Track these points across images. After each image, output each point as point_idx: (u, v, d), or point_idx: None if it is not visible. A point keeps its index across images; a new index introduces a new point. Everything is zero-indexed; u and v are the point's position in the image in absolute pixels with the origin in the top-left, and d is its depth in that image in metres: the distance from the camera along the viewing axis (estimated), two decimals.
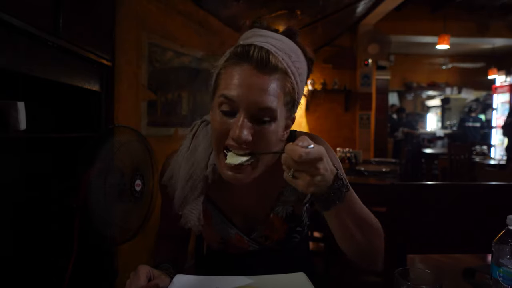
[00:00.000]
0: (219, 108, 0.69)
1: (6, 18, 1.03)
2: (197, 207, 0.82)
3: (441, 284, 0.59)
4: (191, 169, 0.81)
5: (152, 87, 2.31)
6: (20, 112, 1.23)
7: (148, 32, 2.23)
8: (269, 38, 0.71)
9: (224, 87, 0.68)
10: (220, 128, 0.69)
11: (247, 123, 0.67)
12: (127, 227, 1.48)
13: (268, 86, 0.66)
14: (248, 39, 0.72)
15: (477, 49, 7.14)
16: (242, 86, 0.66)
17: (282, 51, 0.70)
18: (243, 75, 0.67)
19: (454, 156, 4.65)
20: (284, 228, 0.88)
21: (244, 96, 0.66)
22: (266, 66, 0.66)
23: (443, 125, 9.12)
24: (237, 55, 0.69)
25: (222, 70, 0.71)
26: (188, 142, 0.85)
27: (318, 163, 0.57)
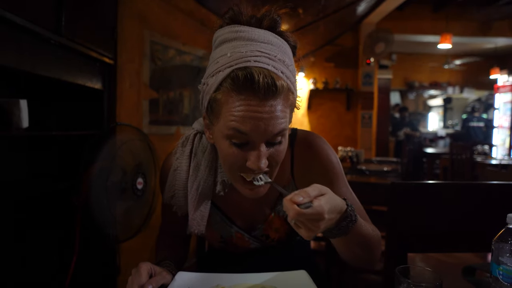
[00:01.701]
0: (228, 139, 0.66)
1: (9, 16, 1.03)
2: (204, 216, 0.82)
3: (441, 282, 0.60)
4: (198, 189, 0.80)
5: (154, 85, 2.32)
6: (23, 110, 1.23)
7: (150, 30, 2.24)
8: (258, 44, 0.65)
9: (232, 119, 0.63)
10: (235, 160, 0.67)
11: (263, 151, 0.66)
12: (129, 225, 1.49)
13: (278, 112, 0.64)
14: (236, 50, 0.64)
15: (479, 48, 7.12)
16: (254, 119, 0.62)
17: (277, 59, 0.65)
18: (252, 107, 0.62)
19: (455, 156, 4.64)
20: (285, 228, 0.88)
21: (258, 129, 0.63)
22: (273, 92, 0.62)
23: (445, 124, 9.11)
24: (238, 82, 0.62)
25: (220, 96, 0.65)
26: (187, 160, 0.82)
27: (319, 222, 0.56)
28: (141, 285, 0.66)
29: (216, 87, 0.65)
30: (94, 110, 1.64)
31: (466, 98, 8.67)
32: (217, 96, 0.65)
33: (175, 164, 0.83)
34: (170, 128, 2.53)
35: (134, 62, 2.11)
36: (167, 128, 2.50)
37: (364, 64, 5.17)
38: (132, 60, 2.09)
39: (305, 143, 0.84)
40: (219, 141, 0.69)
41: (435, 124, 9.49)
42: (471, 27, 5.64)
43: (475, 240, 1.01)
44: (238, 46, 0.65)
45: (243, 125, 0.63)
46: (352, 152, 3.22)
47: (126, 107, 2.04)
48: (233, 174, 0.71)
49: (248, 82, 0.61)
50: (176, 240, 0.94)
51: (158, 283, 0.69)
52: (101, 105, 1.65)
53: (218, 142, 0.70)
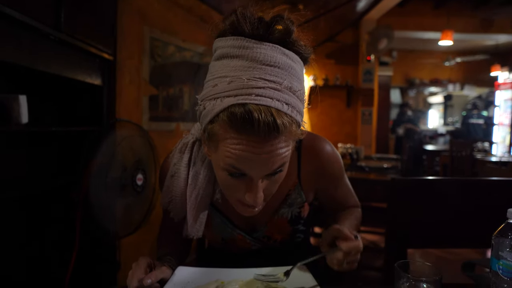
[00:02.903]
0: (226, 171, 0.63)
1: (8, 11, 1.03)
2: (203, 222, 0.82)
3: (441, 276, 0.60)
4: (197, 198, 0.79)
5: (154, 81, 2.32)
6: (22, 105, 1.23)
7: (149, 27, 2.23)
8: (263, 67, 0.58)
9: (229, 156, 0.60)
10: (232, 189, 0.67)
11: (260, 185, 0.64)
12: (129, 220, 1.49)
13: (278, 150, 0.60)
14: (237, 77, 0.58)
15: (480, 45, 7.10)
16: (252, 160, 0.59)
17: (283, 87, 0.59)
18: (250, 149, 0.58)
19: (455, 153, 4.64)
20: (288, 230, 0.87)
21: (256, 168, 0.61)
22: (274, 133, 0.57)
23: (445, 122, 9.10)
24: (235, 121, 0.56)
25: (217, 129, 0.60)
26: (185, 168, 0.79)
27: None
28: (141, 278, 0.66)
29: (212, 118, 0.60)
30: (93, 106, 1.64)
31: (466, 95, 8.65)
32: (214, 128, 0.60)
33: (173, 169, 0.80)
34: (170, 125, 2.53)
35: (133, 58, 2.11)
36: (166, 125, 2.50)
37: (364, 61, 5.16)
38: (131, 56, 2.09)
39: (313, 148, 0.84)
40: (216, 169, 0.67)
41: (435, 121, 9.48)
42: (472, 23, 5.62)
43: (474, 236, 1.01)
44: (239, 68, 0.58)
45: (240, 164, 0.60)
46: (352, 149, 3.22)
47: (125, 103, 2.04)
48: (232, 199, 0.72)
49: (246, 123, 0.56)
50: (177, 235, 0.94)
51: (158, 277, 0.69)
52: (101, 101, 1.65)
53: (216, 169, 0.68)
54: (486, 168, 3.60)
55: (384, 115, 6.52)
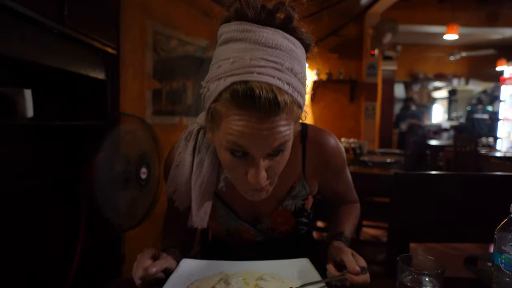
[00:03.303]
0: (228, 150, 0.64)
1: (12, 5, 1.03)
2: (207, 211, 0.81)
3: (443, 270, 0.60)
4: (202, 186, 0.78)
5: (157, 76, 2.32)
6: (27, 99, 1.24)
7: (152, 21, 2.23)
8: (265, 49, 0.60)
9: (231, 133, 0.61)
10: (236, 170, 0.67)
11: (262, 164, 0.64)
12: (133, 214, 1.50)
13: (279, 127, 0.61)
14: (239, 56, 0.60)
15: (486, 39, 7.03)
16: (253, 136, 0.60)
17: (284, 68, 0.60)
18: (251, 124, 0.59)
19: (459, 148, 4.62)
20: (292, 222, 0.88)
21: (257, 144, 0.61)
22: (275, 109, 0.58)
23: (450, 116, 9.04)
24: (237, 97, 0.58)
25: (220, 107, 0.61)
26: (190, 156, 0.79)
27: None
28: (146, 267, 0.67)
29: (216, 97, 0.61)
30: (97, 100, 1.65)
31: (471, 90, 8.59)
32: (217, 107, 0.62)
33: (177, 159, 0.81)
34: (173, 119, 2.54)
35: (137, 53, 2.11)
36: (170, 119, 2.50)
37: (368, 55, 5.12)
38: (135, 50, 2.09)
39: (317, 141, 0.85)
40: (219, 150, 0.68)
41: (439, 116, 9.43)
42: (478, 17, 5.56)
43: (477, 231, 1.02)
44: (242, 50, 0.60)
45: (242, 140, 0.61)
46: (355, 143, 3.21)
47: (129, 97, 2.04)
48: (235, 182, 0.71)
49: (248, 99, 0.57)
50: (181, 227, 0.95)
51: (162, 266, 0.70)
52: (105, 95, 1.65)
53: (219, 150, 0.68)
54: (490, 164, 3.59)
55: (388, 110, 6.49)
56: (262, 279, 0.71)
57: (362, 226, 3.23)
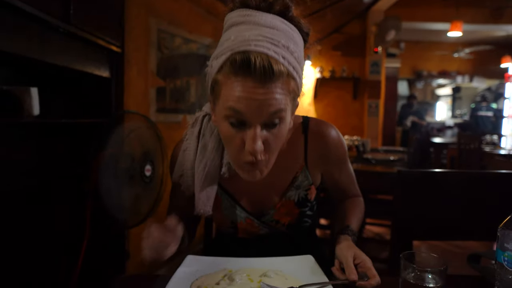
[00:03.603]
0: (227, 120, 0.67)
1: (19, 4, 1.04)
2: (210, 197, 0.83)
3: (446, 267, 0.60)
4: (205, 169, 0.81)
5: (161, 73, 2.33)
6: (33, 97, 1.25)
7: (156, 19, 2.23)
8: (263, 28, 0.66)
9: (229, 99, 0.65)
10: (233, 142, 0.69)
11: (259, 133, 0.66)
12: (137, 211, 1.51)
13: (275, 94, 0.65)
14: (240, 34, 0.65)
15: (490, 36, 6.97)
16: (249, 100, 0.64)
17: (280, 45, 0.65)
18: (248, 89, 0.63)
19: (463, 146, 4.60)
20: (295, 213, 0.89)
21: (253, 108, 0.64)
22: (270, 77, 0.63)
23: (453, 114, 9.00)
24: (235, 66, 0.64)
25: (221, 79, 0.67)
26: (195, 140, 0.83)
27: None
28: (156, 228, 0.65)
29: (217, 69, 0.67)
30: (102, 98, 1.66)
31: (475, 87, 8.53)
32: (218, 78, 0.67)
33: (185, 144, 0.85)
34: (177, 116, 2.55)
35: (141, 51, 2.12)
36: (174, 116, 2.51)
37: (371, 53, 5.10)
38: (139, 48, 2.09)
39: (319, 132, 0.88)
40: (220, 123, 0.71)
41: (443, 113, 9.38)
42: (482, 14, 5.52)
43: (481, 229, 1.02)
44: (243, 30, 0.66)
45: (239, 105, 0.64)
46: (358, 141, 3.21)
47: (133, 95, 2.05)
48: (233, 156, 0.72)
49: (245, 65, 0.63)
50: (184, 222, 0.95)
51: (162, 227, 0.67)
52: (109, 93, 1.66)
53: (219, 124, 0.71)
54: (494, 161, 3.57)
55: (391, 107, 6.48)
56: (266, 275, 0.72)
57: (366, 223, 3.24)
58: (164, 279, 0.71)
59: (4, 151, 1.33)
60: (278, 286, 0.68)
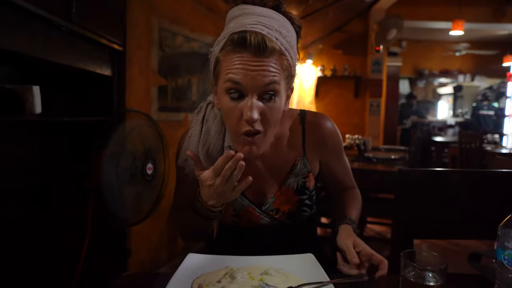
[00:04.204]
0: (227, 93, 0.74)
1: (21, 3, 1.04)
2: None
3: (446, 266, 0.61)
4: (208, 152, 0.85)
5: (163, 72, 2.33)
6: (36, 96, 1.26)
7: (158, 17, 2.23)
8: (259, 17, 0.75)
9: (228, 72, 0.73)
10: (233, 115, 0.75)
11: (256, 103, 0.73)
12: (139, 209, 1.52)
13: (268, 67, 0.72)
14: (239, 21, 0.75)
15: (492, 35, 6.95)
16: (245, 71, 0.71)
17: (273, 29, 0.74)
18: (244, 61, 0.71)
19: (464, 145, 4.59)
20: (294, 200, 0.93)
21: (249, 79, 0.71)
22: (264, 51, 0.71)
23: (455, 113, 8.98)
24: (234, 43, 0.72)
25: (221, 57, 0.75)
26: (199, 126, 0.88)
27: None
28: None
29: (219, 50, 0.76)
30: (104, 97, 1.66)
31: (477, 86, 8.51)
32: (219, 58, 0.76)
33: (190, 131, 0.90)
34: (179, 115, 2.55)
35: (142, 49, 2.12)
36: (175, 115, 2.52)
37: (373, 51, 5.09)
38: (140, 47, 2.10)
39: (316, 122, 0.95)
40: (221, 99, 0.77)
41: (444, 112, 9.37)
42: (484, 13, 5.50)
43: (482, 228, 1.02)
44: (241, 19, 0.75)
45: (236, 75, 0.72)
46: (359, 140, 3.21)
47: (135, 93, 2.05)
48: (233, 130, 0.78)
49: (241, 42, 0.71)
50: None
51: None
52: (111, 92, 1.66)
53: (221, 100, 0.78)
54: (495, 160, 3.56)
55: (393, 106, 6.46)
56: (267, 273, 0.72)
57: (367, 222, 3.24)
58: (166, 277, 0.71)
59: (6, 149, 1.34)
60: (279, 284, 0.68)
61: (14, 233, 1.32)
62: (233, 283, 0.68)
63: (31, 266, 1.42)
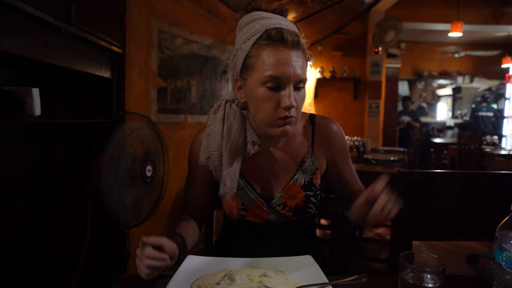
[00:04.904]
0: (264, 85, 0.81)
1: (21, 5, 1.04)
2: (236, 173, 0.90)
3: (444, 268, 0.61)
4: (231, 149, 0.89)
5: (162, 74, 2.33)
6: (35, 98, 1.26)
7: (157, 19, 2.24)
8: (277, 19, 0.84)
9: (268, 68, 0.80)
10: (269, 103, 0.82)
11: (292, 93, 0.81)
12: (138, 211, 1.52)
13: (301, 62, 0.82)
14: (264, 22, 0.82)
15: (491, 36, 6.97)
16: (286, 65, 0.79)
17: (294, 28, 0.85)
18: (284, 56, 0.80)
19: (463, 146, 4.60)
20: (301, 196, 0.95)
21: (288, 72, 0.80)
22: (297, 46, 0.81)
23: (454, 114, 9.00)
24: (271, 38, 0.80)
25: (253, 52, 0.82)
26: (219, 124, 0.92)
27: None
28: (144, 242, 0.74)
29: (251, 45, 0.82)
30: (103, 99, 1.66)
31: (476, 88, 8.53)
32: (251, 53, 0.82)
33: (208, 130, 0.93)
34: (178, 117, 2.55)
35: (142, 51, 2.12)
36: (175, 117, 2.52)
37: (372, 53, 5.11)
38: (140, 49, 2.10)
39: (324, 124, 1.00)
40: (254, 91, 0.83)
41: (443, 114, 9.38)
42: (482, 15, 5.52)
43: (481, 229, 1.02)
44: (265, 20, 0.83)
45: (276, 71, 0.79)
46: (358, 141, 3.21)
47: (134, 95, 2.06)
48: (270, 121, 0.83)
49: (279, 37, 0.80)
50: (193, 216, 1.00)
51: (155, 242, 0.74)
52: (110, 94, 1.66)
53: (254, 92, 0.83)
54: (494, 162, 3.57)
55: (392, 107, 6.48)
56: (266, 275, 0.72)
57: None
58: (165, 279, 0.71)
59: (6, 151, 1.34)
60: (277, 286, 0.68)
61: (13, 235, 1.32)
62: (232, 285, 0.69)
63: (31, 266, 1.42)
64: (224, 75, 3.05)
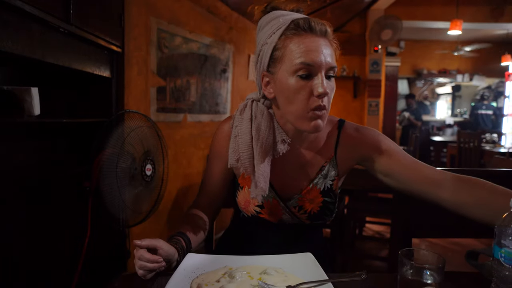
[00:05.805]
0: (295, 74, 0.80)
1: (19, 4, 1.04)
2: (268, 172, 0.87)
3: (444, 264, 0.61)
4: (262, 149, 0.87)
5: (161, 73, 2.33)
6: (34, 97, 1.26)
7: (156, 18, 2.24)
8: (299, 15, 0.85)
9: (298, 55, 0.79)
10: (302, 93, 0.80)
11: (324, 80, 0.80)
12: (138, 210, 1.52)
13: (331, 50, 0.83)
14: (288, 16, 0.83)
15: (490, 34, 6.97)
16: (316, 51, 0.79)
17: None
18: (314, 44, 0.80)
19: (463, 144, 4.61)
20: (319, 201, 0.93)
21: (319, 59, 0.79)
22: (325, 34, 0.82)
23: (453, 112, 9.00)
24: (299, 27, 0.81)
25: (281, 43, 0.81)
26: (247, 124, 0.89)
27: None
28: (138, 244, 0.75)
29: (279, 37, 0.82)
30: (102, 98, 1.66)
31: (475, 86, 8.53)
32: (279, 45, 0.82)
33: (235, 131, 0.91)
34: (177, 116, 2.55)
35: (141, 50, 2.12)
36: (174, 116, 2.52)
37: (371, 52, 5.11)
38: (139, 48, 2.10)
39: (352, 129, 0.97)
40: (285, 83, 0.82)
41: (443, 112, 9.38)
42: (482, 12, 5.51)
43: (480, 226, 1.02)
44: (287, 16, 0.84)
45: (307, 57, 0.79)
46: None
47: (134, 94, 2.06)
48: (301, 108, 0.81)
49: (307, 26, 0.80)
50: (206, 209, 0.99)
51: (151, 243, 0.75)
52: (110, 93, 1.67)
53: (285, 84, 0.82)
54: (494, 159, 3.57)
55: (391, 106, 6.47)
56: (266, 273, 0.72)
57: (366, 222, 3.25)
58: (165, 277, 0.71)
59: (5, 150, 1.34)
60: (277, 283, 0.68)
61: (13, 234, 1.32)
62: (232, 283, 0.69)
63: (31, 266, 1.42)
64: (224, 74, 3.05)
